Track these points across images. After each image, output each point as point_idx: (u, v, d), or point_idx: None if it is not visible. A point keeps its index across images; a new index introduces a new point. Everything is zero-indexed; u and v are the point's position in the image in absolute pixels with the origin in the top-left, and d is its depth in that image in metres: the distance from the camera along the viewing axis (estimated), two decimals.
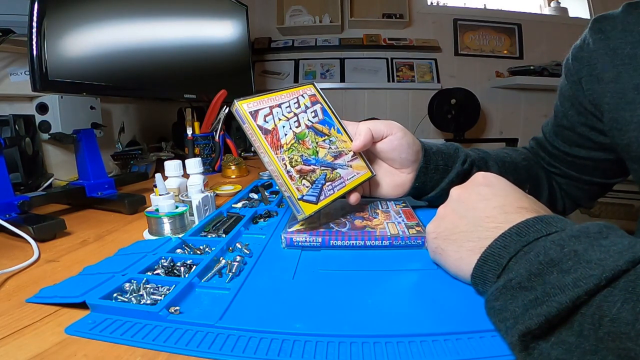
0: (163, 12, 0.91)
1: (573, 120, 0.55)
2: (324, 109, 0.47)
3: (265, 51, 2.20)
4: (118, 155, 0.97)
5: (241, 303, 0.30)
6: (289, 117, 0.43)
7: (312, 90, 0.48)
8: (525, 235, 0.27)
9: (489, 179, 0.35)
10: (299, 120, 0.44)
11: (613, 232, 0.24)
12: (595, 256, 0.22)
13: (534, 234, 0.26)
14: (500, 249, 0.27)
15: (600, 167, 0.56)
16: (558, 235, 0.25)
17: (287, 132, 0.42)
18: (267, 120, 0.42)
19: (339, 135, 0.46)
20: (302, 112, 0.45)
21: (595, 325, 0.20)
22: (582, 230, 0.25)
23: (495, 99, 2.23)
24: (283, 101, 0.44)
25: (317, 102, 0.47)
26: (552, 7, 2.25)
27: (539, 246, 0.25)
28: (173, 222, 0.46)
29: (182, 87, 1.00)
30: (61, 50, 0.60)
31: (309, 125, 0.44)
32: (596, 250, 0.23)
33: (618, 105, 0.47)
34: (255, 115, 0.41)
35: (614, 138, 0.49)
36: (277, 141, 0.41)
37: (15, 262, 0.39)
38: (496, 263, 0.27)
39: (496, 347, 0.24)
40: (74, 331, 0.27)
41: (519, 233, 0.27)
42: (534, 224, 0.27)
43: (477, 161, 0.54)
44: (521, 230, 0.27)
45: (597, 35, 0.50)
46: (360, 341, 0.25)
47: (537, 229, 0.27)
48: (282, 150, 0.41)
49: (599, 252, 0.22)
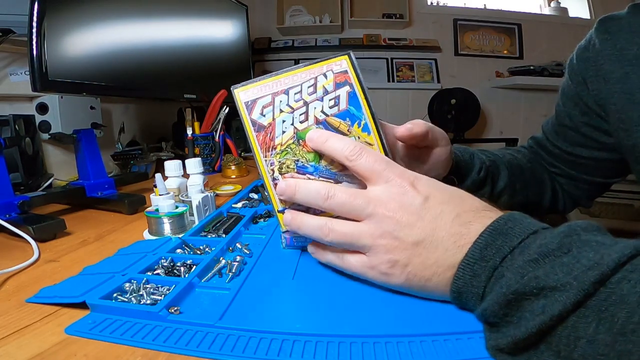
0: (163, 12, 0.91)
1: (576, 120, 0.55)
2: (352, 93, 0.33)
3: (265, 51, 2.20)
4: (118, 155, 0.97)
5: (241, 303, 0.30)
6: (294, 108, 0.34)
7: (345, 64, 0.34)
8: (490, 259, 0.25)
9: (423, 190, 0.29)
10: (308, 111, 0.34)
11: (575, 242, 0.23)
12: (558, 280, 0.21)
13: (497, 253, 0.25)
14: (470, 278, 0.26)
15: (601, 167, 0.56)
16: (519, 257, 0.24)
17: (286, 129, 0.33)
18: (265, 112, 0.34)
19: (363, 135, 0.33)
20: (316, 99, 0.34)
21: (571, 347, 0.20)
22: (541, 249, 0.23)
23: (495, 99, 2.23)
24: (294, 84, 0.34)
25: (344, 83, 0.34)
26: (552, 7, 2.25)
27: (502, 280, 0.24)
28: (173, 222, 0.46)
29: (182, 87, 1.00)
30: (61, 50, 0.60)
31: (319, 120, 0.33)
32: (558, 272, 0.21)
33: (625, 105, 0.47)
34: (251, 107, 0.34)
35: (620, 138, 0.49)
36: (269, 141, 0.33)
37: (15, 262, 0.39)
38: (472, 293, 0.26)
39: None
40: (74, 331, 0.27)
41: (483, 257, 0.25)
42: (494, 240, 0.25)
43: (490, 167, 0.53)
44: (483, 253, 0.25)
45: (604, 35, 0.50)
46: (360, 341, 0.25)
47: (497, 246, 0.25)
48: (273, 153, 0.33)
49: (561, 274, 0.21)
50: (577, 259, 0.22)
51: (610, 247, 0.22)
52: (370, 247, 0.29)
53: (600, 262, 0.21)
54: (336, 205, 0.30)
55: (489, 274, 0.25)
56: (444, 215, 0.28)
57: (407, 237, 0.28)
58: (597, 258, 0.21)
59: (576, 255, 0.22)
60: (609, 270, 0.20)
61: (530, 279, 0.22)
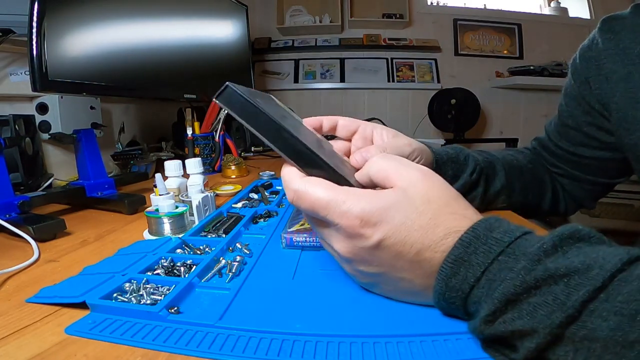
0: (163, 12, 0.91)
1: (579, 119, 0.55)
2: None
3: (265, 51, 2.20)
4: (118, 155, 0.97)
5: (241, 303, 0.30)
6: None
7: None
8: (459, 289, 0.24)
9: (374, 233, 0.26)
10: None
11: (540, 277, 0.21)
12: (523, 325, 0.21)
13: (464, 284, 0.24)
14: (447, 305, 0.26)
15: (604, 167, 0.56)
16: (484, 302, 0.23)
17: None
18: None
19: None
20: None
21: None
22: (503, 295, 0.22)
23: (495, 99, 2.23)
24: None
25: None
26: (552, 7, 2.25)
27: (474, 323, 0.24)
28: (173, 222, 0.46)
29: (182, 87, 1.00)
30: (61, 50, 0.60)
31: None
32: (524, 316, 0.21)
33: (628, 104, 0.47)
34: None
35: (622, 137, 0.49)
36: None
37: (15, 262, 0.39)
38: (455, 312, 0.26)
39: None
40: (74, 331, 0.27)
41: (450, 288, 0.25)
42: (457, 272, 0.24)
43: (485, 168, 0.53)
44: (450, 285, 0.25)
45: (607, 35, 0.50)
46: (360, 341, 0.25)
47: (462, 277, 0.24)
48: None
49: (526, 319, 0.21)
50: (543, 296, 0.21)
51: (581, 275, 0.20)
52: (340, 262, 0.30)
53: (566, 300, 0.20)
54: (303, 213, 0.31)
55: (462, 302, 0.25)
56: (402, 255, 0.26)
57: (366, 270, 0.28)
58: (563, 295, 0.20)
59: (542, 293, 0.21)
60: (575, 310, 0.20)
61: (499, 324, 0.22)
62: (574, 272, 0.21)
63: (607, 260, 0.20)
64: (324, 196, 0.27)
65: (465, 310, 0.25)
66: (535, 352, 0.21)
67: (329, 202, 0.26)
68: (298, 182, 0.28)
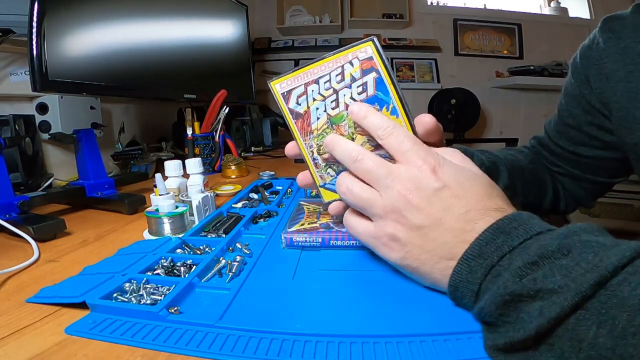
0: (163, 12, 0.91)
1: (579, 119, 0.55)
2: (379, 79, 0.35)
3: (265, 51, 2.20)
4: (118, 155, 0.97)
5: (241, 303, 0.30)
6: (325, 96, 0.36)
7: (370, 50, 0.35)
8: (488, 257, 0.25)
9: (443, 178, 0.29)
10: (338, 98, 0.35)
11: (575, 244, 0.23)
12: (556, 283, 0.21)
13: (496, 252, 0.25)
14: (467, 274, 0.26)
15: (603, 166, 0.56)
16: (518, 257, 0.24)
17: (320, 115, 0.36)
18: (300, 101, 0.36)
19: (392, 118, 0.35)
20: (344, 87, 0.35)
21: (575, 349, 0.20)
22: (540, 250, 0.23)
23: (495, 99, 2.23)
24: (323, 73, 0.36)
25: (370, 69, 0.35)
26: (552, 7, 2.25)
27: (499, 280, 0.24)
28: (173, 222, 0.46)
29: (182, 87, 1.00)
30: (61, 50, 0.60)
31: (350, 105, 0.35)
32: (556, 274, 0.21)
33: (628, 103, 0.47)
34: (287, 97, 0.36)
35: (622, 136, 0.49)
36: (307, 126, 0.36)
37: (15, 262, 0.39)
38: (467, 289, 0.26)
39: None
40: (74, 331, 0.27)
41: (481, 254, 0.26)
42: (494, 239, 0.26)
43: (489, 168, 0.53)
44: (482, 250, 0.26)
45: (608, 34, 0.50)
46: (360, 341, 0.25)
47: (497, 245, 0.25)
48: (311, 137, 0.37)
49: (559, 276, 0.21)
50: (576, 261, 0.22)
51: (611, 249, 0.22)
52: (379, 217, 0.30)
53: (599, 264, 0.21)
54: (361, 170, 0.31)
55: (485, 271, 0.25)
56: (453, 208, 0.28)
57: (412, 219, 0.29)
58: (596, 260, 0.21)
59: (575, 257, 0.22)
60: (608, 272, 0.20)
61: (529, 280, 0.22)
62: (602, 246, 0.22)
63: (629, 244, 0.22)
64: (413, 139, 0.31)
65: (478, 288, 0.26)
66: (554, 321, 0.20)
67: (415, 143, 0.30)
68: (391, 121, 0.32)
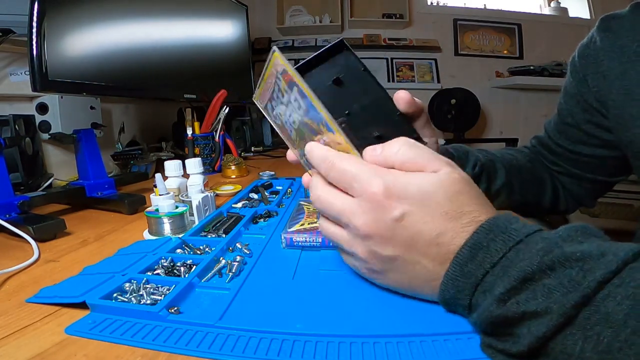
0: (163, 12, 0.91)
1: (578, 117, 0.55)
2: (301, 92, 0.30)
3: (266, 51, 2.20)
4: (118, 155, 0.97)
5: (241, 303, 0.30)
6: (282, 113, 0.34)
7: (279, 62, 0.31)
8: (472, 275, 0.24)
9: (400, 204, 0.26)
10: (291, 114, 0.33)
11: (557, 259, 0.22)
12: (539, 305, 0.21)
13: (479, 269, 0.24)
14: (455, 292, 0.25)
15: (603, 165, 0.57)
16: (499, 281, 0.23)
17: (290, 129, 0.34)
18: (275, 115, 0.35)
19: (330, 135, 0.30)
20: (287, 102, 0.32)
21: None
22: (521, 273, 0.22)
23: (495, 99, 2.23)
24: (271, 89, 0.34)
25: (292, 83, 0.30)
26: (552, 7, 2.25)
27: (485, 302, 0.23)
28: (173, 222, 0.46)
29: (182, 87, 1.00)
30: (61, 50, 0.60)
31: (300, 121, 0.32)
32: (538, 296, 0.21)
33: (624, 101, 0.47)
34: (267, 112, 0.36)
35: (619, 134, 0.50)
36: (289, 137, 0.35)
37: (15, 262, 0.39)
38: (459, 304, 0.26)
39: None
40: (74, 331, 0.27)
41: (464, 273, 0.25)
42: (474, 256, 0.24)
43: (485, 165, 0.53)
44: (464, 270, 0.25)
45: (605, 33, 0.50)
46: (360, 341, 0.25)
47: (478, 262, 0.24)
48: (295, 145, 0.35)
49: (541, 299, 0.21)
50: (559, 279, 0.21)
51: (596, 260, 0.21)
52: (352, 252, 0.29)
53: (582, 281, 0.20)
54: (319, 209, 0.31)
55: (472, 288, 0.25)
56: (422, 234, 0.26)
57: (382, 252, 0.27)
58: (579, 277, 0.21)
59: (558, 276, 0.21)
60: (591, 291, 0.20)
61: (512, 304, 0.22)
62: (589, 257, 0.21)
63: (619, 249, 0.21)
64: (356, 165, 0.28)
65: (469, 302, 0.25)
66: (542, 339, 0.21)
67: (359, 170, 0.27)
68: (334, 153, 0.29)
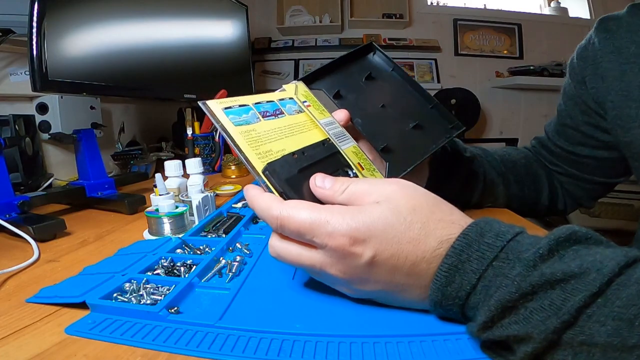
0: (163, 12, 0.91)
1: (577, 119, 0.56)
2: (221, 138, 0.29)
3: (265, 51, 2.20)
4: (118, 155, 0.97)
5: (241, 303, 0.30)
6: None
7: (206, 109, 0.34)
8: (456, 297, 0.24)
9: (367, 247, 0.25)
10: None
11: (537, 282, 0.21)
12: (521, 330, 0.21)
13: (460, 292, 0.24)
14: (444, 312, 0.26)
15: (602, 166, 0.57)
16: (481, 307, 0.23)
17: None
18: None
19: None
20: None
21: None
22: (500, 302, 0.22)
23: (495, 99, 2.23)
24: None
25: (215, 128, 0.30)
26: (552, 7, 2.25)
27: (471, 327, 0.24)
28: (173, 222, 0.46)
29: (182, 87, 1.00)
30: (61, 50, 0.60)
31: None
32: (521, 322, 0.21)
33: (622, 102, 0.48)
34: None
35: (617, 135, 0.50)
36: None
37: (15, 262, 0.39)
38: (453, 316, 0.26)
39: None
40: (74, 331, 0.27)
41: (447, 296, 0.24)
42: (452, 281, 0.24)
43: (477, 153, 0.54)
44: (445, 293, 0.24)
45: (603, 34, 0.50)
46: (360, 341, 0.25)
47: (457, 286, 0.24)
48: None
49: (522, 324, 0.21)
50: (540, 301, 0.21)
51: (578, 279, 0.20)
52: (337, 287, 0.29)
53: (562, 305, 0.20)
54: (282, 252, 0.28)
55: (459, 309, 0.25)
56: (397, 269, 0.25)
57: (364, 288, 0.27)
58: (559, 300, 0.20)
59: (539, 298, 0.21)
60: (570, 316, 0.20)
61: (496, 328, 0.22)
62: (570, 276, 0.21)
63: (604, 264, 0.20)
64: (306, 218, 0.25)
65: (463, 315, 0.25)
66: (532, 355, 0.21)
67: (312, 224, 0.25)
68: (277, 207, 0.26)
